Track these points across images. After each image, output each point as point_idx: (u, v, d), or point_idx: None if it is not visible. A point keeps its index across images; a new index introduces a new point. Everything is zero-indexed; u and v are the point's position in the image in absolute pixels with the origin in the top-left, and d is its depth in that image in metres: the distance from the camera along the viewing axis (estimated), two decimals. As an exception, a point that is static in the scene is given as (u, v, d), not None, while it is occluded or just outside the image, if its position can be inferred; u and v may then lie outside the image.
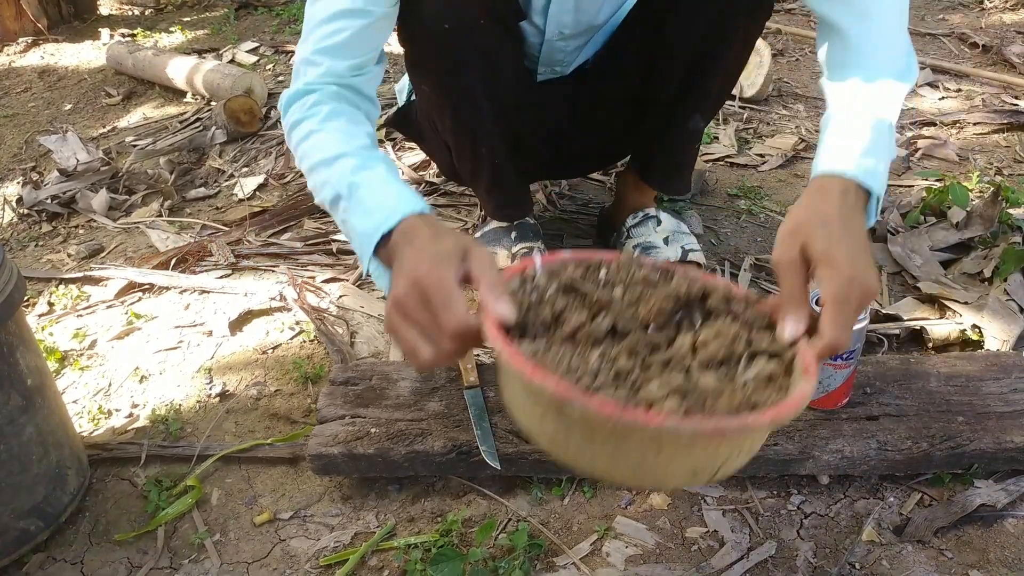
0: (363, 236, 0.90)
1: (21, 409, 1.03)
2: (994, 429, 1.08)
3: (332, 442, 1.10)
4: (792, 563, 0.99)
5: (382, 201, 0.90)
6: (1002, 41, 2.67)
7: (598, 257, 0.89)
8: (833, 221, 0.83)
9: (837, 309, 0.78)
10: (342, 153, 0.96)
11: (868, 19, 0.97)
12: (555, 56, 1.34)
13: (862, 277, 0.79)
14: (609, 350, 0.76)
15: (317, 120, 1.00)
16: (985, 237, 1.57)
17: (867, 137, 0.91)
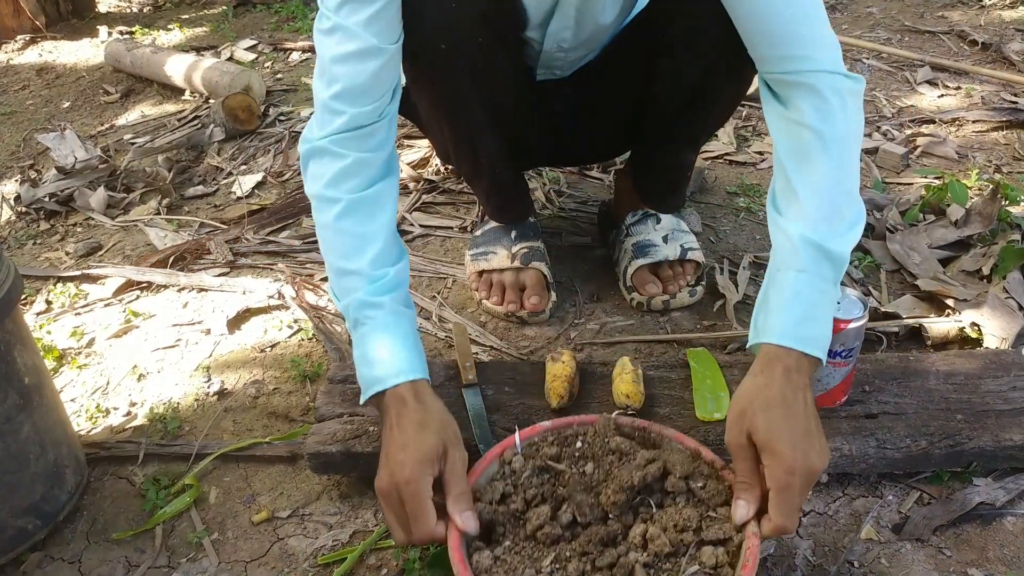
0: (360, 377, 1.02)
1: (19, 407, 1.02)
2: (993, 427, 1.08)
3: (330, 440, 1.10)
4: (791, 561, 0.99)
5: (380, 356, 1.00)
6: (1001, 39, 2.66)
7: (576, 425, 1.01)
8: (775, 406, 0.88)
9: (781, 497, 0.83)
10: (354, 271, 1.04)
11: (816, 174, 0.97)
12: (554, 63, 1.33)
13: (803, 463, 0.84)
14: (564, 552, 0.87)
15: (334, 214, 1.04)
16: (984, 235, 1.57)
17: (808, 301, 0.94)
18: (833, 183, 0.97)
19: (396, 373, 0.98)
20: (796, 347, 0.91)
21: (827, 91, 0.98)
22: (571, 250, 1.67)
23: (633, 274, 1.47)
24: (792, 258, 0.96)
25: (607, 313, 1.48)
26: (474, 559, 0.86)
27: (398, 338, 1.02)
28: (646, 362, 1.22)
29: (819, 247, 0.94)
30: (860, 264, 1.56)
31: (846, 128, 0.99)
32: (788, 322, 0.93)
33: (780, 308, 0.94)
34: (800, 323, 0.93)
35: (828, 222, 0.96)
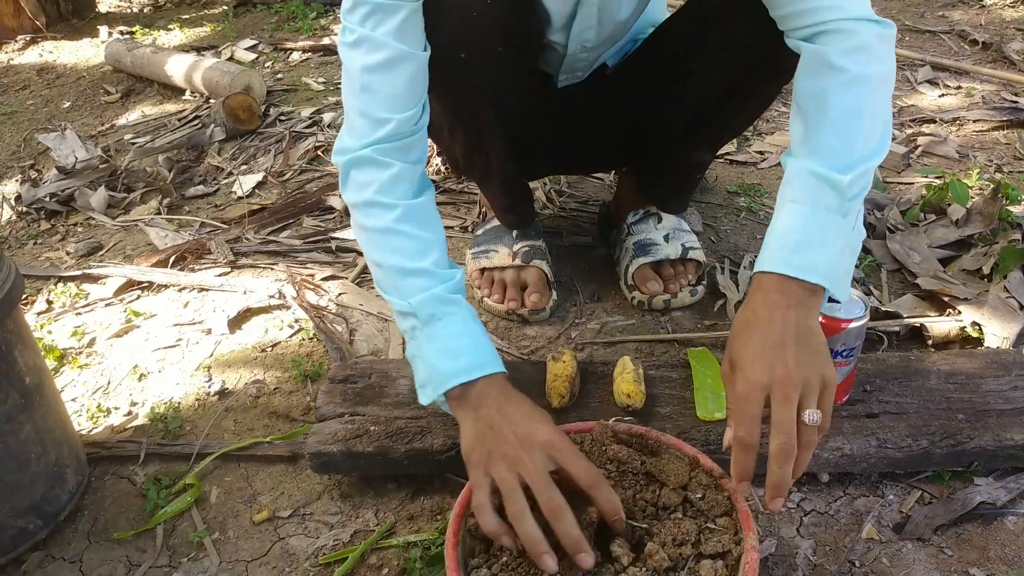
0: (438, 372, 0.99)
1: (20, 407, 1.02)
2: (994, 427, 1.08)
3: (331, 440, 1.10)
4: (792, 561, 0.99)
5: (466, 347, 0.99)
6: (1002, 38, 2.66)
7: (573, 433, 1.00)
8: (748, 326, 0.89)
9: (736, 407, 0.85)
10: (421, 270, 1.02)
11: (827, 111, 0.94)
12: (576, 66, 1.33)
13: (766, 375, 0.83)
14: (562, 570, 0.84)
15: (392, 218, 1.03)
16: (985, 234, 1.57)
17: (803, 229, 0.91)
18: (849, 119, 0.93)
19: (484, 363, 0.98)
20: (787, 271, 0.89)
21: (855, 36, 0.94)
22: (572, 249, 1.67)
23: (634, 273, 1.47)
24: (787, 190, 0.94)
25: (608, 312, 1.48)
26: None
27: (480, 333, 1.02)
28: (647, 361, 1.22)
29: (818, 176, 0.91)
30: (861, 264, 1.56)
31: (872, 68, 0.95)
32: (778, 251, 0.91)
33: (772, 238, 0.93)
34: (794, 250, 0.90)
35: (833, 153, 0.92)
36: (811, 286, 0.89)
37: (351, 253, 1.73)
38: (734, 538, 0.87)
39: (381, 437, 1.10)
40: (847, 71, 0.93)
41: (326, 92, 2.68)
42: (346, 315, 1.52)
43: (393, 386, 1.20)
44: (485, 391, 0.96)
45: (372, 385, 1.20)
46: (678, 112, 1.33)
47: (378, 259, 1.05)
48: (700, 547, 0.87)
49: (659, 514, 0.91)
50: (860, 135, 0.93)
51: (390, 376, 1.22)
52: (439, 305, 1.01)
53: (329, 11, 3.55)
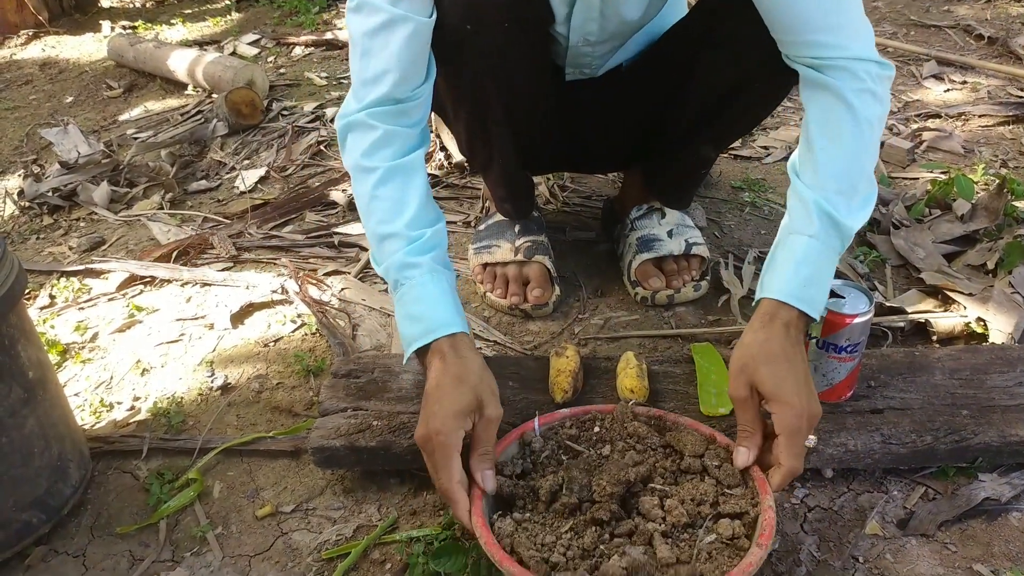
0: (403, 337, 1.05)
1: (23, 402, 1.02)
2: (999, 423, 1.07)
3: (334, 435, 1.10)
4: (796, 556, 0.99)
5: (422, 312, 1.03)
6: (1008, 33, 2.65)
7: (594, 411, 1.06)
8: (779, 360, 0.94)
9: (791, 441, 0.91)
10: (392, 233, 1.06)
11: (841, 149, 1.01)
12: (582, 60, 1.32)
13: (808, 409, 0.92)
14: (580, 523, 0.90)
15: (372, 182, 1.07)
16: (990, 230, 1.57)
17: (815, 265, 0.99)
18: (854, 160, 1.01)
19: (436, 328, 1.01)
20: (799, 306, 0.97)
21: (862, 76, 1.00)
22: (575, 245, 1.66)
23: (637, 268, 1.46)
24: (806, 224, 1.00)
25: (611, 308, 1.48)
26: (496, 526, 0.89)
27: (436, 295, 1.04)
28: (650, 357, 1.22)
29: (832, 218, 0.99)
30: (865, 259, 1.55)
31: (876, 111, 1.02)
32: (794, 282, 0.98)
33: (788, 268, 0.99)
34: (805, 285, 0.98)
35: (844, 196, 1.00)
36: (805, 321, 0.98)
37: (354, 248, 1.72)
38: (751, 501, 0.91)
39: (384, 432, 1.10)
40: (857, 112, 1.00)
41: (329, 87, 2.68)
42: (349, 310, 1.51)
43: (396, 381, 1.20)
44: (434, 357, 1.01)
45: (375, 380, 1.20)
46: (686, 109, 1.33)
47: (364, 226, 1.10)
48: (718, 507, 0.91)
49: (678, 479, 0.97)
50: (862, 178, 1.03)
51: (393, 371, 1.22)
52: (402, 271, 1.05)
53: (332, 6, 3.54)
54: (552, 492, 0.94)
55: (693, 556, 0.86)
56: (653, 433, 1.02)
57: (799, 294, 0.97)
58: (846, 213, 0.99)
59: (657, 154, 1.45)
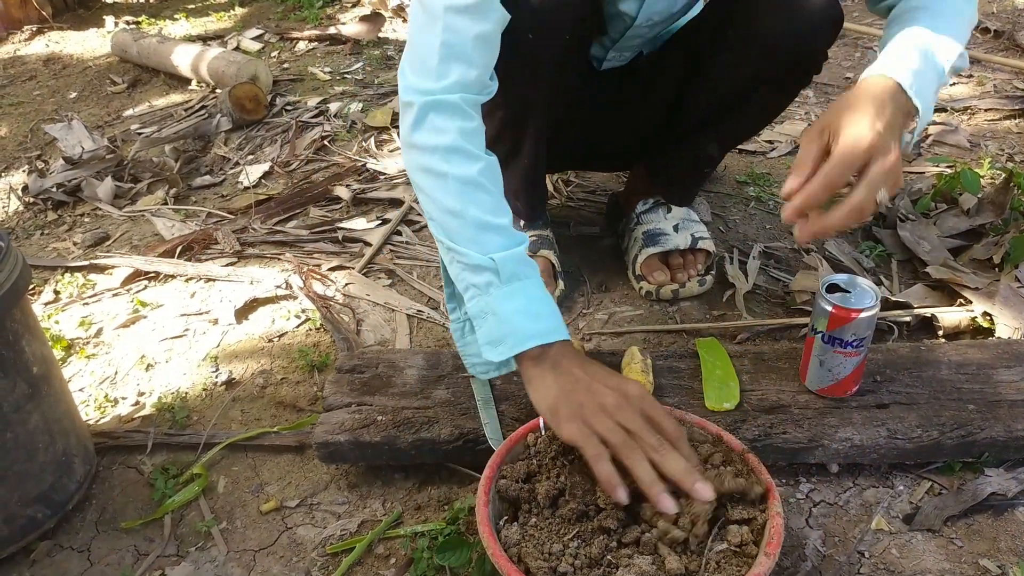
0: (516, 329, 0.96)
1: (27, 397, 1.02)
2: (1005, 417, 1.07)
3: (338, 430, 1.10)
4: (801, 551, 0.99)
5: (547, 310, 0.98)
6: (1014, 27, 2.64)
7: None
8: (858, 106, 0.89)
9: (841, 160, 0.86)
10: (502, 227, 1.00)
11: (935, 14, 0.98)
12: (633, 43, 1.32)
13: (874, 142, 0.85)
14: (588, 531, 0.88)
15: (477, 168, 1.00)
16: (996, 224, 1.56)
17: (918, 63, 0.93)
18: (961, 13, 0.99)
19: (564, 330, 0.98)
20: (902, 81, 0.91)
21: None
22: (580, 239, 1.66)
23: (643, 263, 1.46)
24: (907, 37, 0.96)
25: (616, 303, 1.47)
26: (503, 534, 0.88)
27: (553, 301, 1.01)
28: (655, 352, 1.22)
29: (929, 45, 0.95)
30: (871, 253, 1.54)
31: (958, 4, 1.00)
32: (899, 64, 0.93)
33: (900, 55, 0.94)
34: (916, 77, 0.92)
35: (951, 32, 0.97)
36: (910, 109, 0.92)
37: (358, 243, 1.72)
38: (759, 506, 0.90)
39: (388, 427, 1.10)
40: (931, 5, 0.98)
41: (333, 82, 2.67)
42: (353, 305, 1.51)
43: (400, 376, 1.20)
44: (562, 353, 0.95)
45: (379, 375, 1.20)
46: (698, 105, 1.33)
47: (457, 208, 0.99)
48: (727, 514, 0.90)
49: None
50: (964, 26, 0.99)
51: (397, 366, 1.22)
52: (521, 265, 0.99)
53: (335, 0, 3.54)
54: (554, 497, 0.92)
55: (701, 566, 0.85)
56: None
57: (907, 76, 0.91)
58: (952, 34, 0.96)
59: (663, 150, 1.45)
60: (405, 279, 1.58)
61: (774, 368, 1.17)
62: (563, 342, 0.97)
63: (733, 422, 1.06)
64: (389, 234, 1.73)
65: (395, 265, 1.63)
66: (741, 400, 1.11)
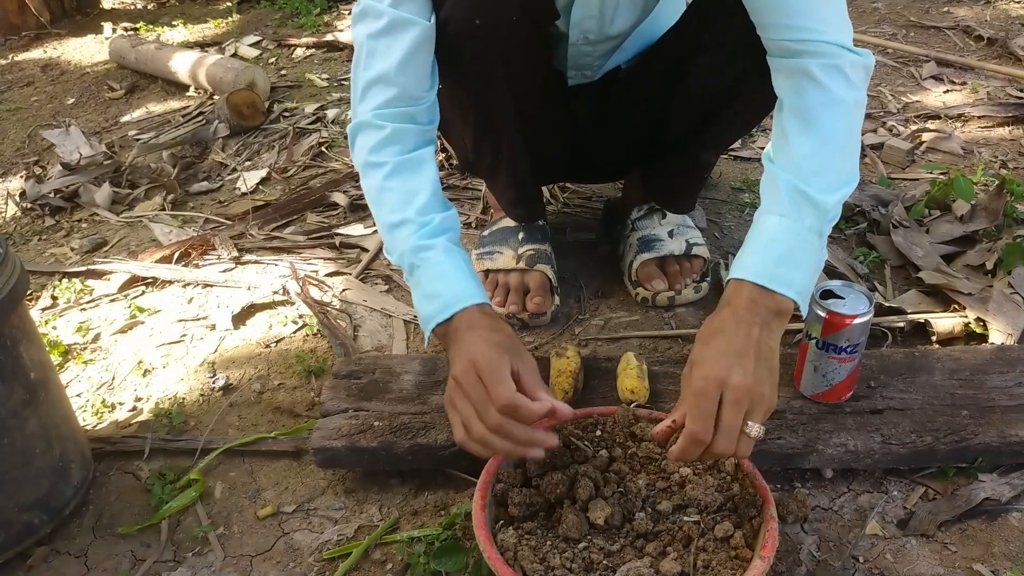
0: (422, 317, 1.04)
1: (24, 403, 1.03)
2: (999, 423, 1.07)
3: (335, 435, 1.10)
4: (796, 556, 0.99)
5: (440, 290, 1.02)
6: (1007, 34, 2.65)
7: (595, 415, 1.05)
8: (716, 333, 0.91)
9: (694, 400, 0.86)
10: (404, 220, 1.05)
11: (813, 129, 0.97)
12: (582, 60, 1.33)
13: (722, 374, 0.85)
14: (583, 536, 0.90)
15: (382, 175, 1.07)
16: (990, 230, 1.57)
17: (786, 244, 0.94)
18: (830, 139, 0.97)
19: (455, 301, 1.00)
20: (768, 284, 0.91)
21: (836, 58, 0.97)
22: (576, 246, 1.66)
23: (638, 269, 1.46)
24: (775, 203, 0.96)
25: (612, 309, 1.48)
26: (499, 537, 0.89)
27: (452, 270, 1.03)
28: (651, 358, 1.22)
29: (804, 194, 0.94)
30: (865, 260, 1.55)
31: (852, 94, 0.98)
32: (760, 262, 0.93)
33: (754, 248, 0.96)
34: (776, 264, 0.93)
35: (818, 175, 0.96)
36: (781, 303, 0.92)
37: (355, 249, 1.73)
38: (753, 509, 0.91)
39: (385, 432, 1.10)
40: (830, 90, 0.97)
41: (330, 88, 2.68)
42: (350, 311, 1.52)
43: (397, 382, 1.20)
44: (456, 328, 0.99)
45: (376, 381, 1.20)
46: (683, 113, 1.33)
47: (376, 218, 1.09)
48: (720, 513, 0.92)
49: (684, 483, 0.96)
50: (840, 158, 0.97)
51: (394, 372, 1.22)
52: (416, 254, 1.04)
53: (332, 7, 3.54)
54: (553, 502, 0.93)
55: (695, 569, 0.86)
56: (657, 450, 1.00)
57: (769, 272, 0.92)
58: (819, 189, 0.94)
59: (656, 159, 1.45)
60: (402, 285, 1.59)
61: (769, 374, 1.18)
62: (459, 314, 0.99)
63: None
64: (386, 240, 1.73)
65: (392, 271, 1.63)
66: (736, 406, 1.11)
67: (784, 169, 0.97)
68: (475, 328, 0.96)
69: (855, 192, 1.74)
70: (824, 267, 1.50)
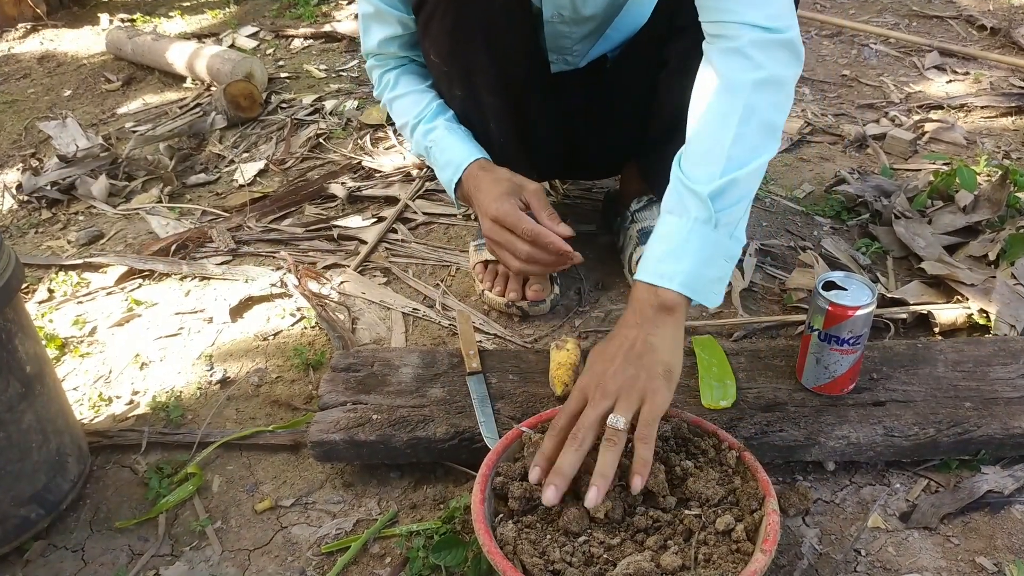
0: (445, 184, 1.32)
1: (20, 396, 1.02)
2: (1002, 415, 1.07)
3: (333, 429, 1.09)
4: (798, 549, 0.99)
5: (449, 158, 1.29)
6: (1010, 23, 2.64)
7: None
8: (609, 337, 0.96)
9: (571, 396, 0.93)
10: (415, 119, 1.34)
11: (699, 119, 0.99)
12: (561, 42, 1.32)
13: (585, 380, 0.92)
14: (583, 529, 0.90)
15: (390, 91, 1.38)
16: (993, 221, 1.56)
17: (672, 239, 0.97)
18: (714, 127, 0.97)
19: (460, 162, 1.27)
20: (650, 281, 0.95)
21: (736, 40, 0.96)
22: (576, 238, 1.65)
23: (638, 260, 1.45)
24: (667, 201, 1.00)
25: (612, 301, 1.47)
26: (498, 531, 0.88)
27: (454, 140, 1.29)
28: (651, 350, 1.21)
29: (686, 187, 0.96)
30: (867, 251, 1.54)
31: (750, 75, 0.96)
32: (647, 260, 0.98)
33: (648, 248, 0.99)
34: (660, 260, 0.96)
35: (698, 165, 0.97)
36: (664, 298, 0.94)
37: (353, 241, 1.72)
38: (755, 503, 0.90)
39: (383, 426, 1.09)
40: (722, 76, 0.97)
41: (328, 79, 2.66)
42: (348, 303, 1.51)
43: (395, 374, 1.19)
44: (468, 181, 1.27)
45: (374, 374, 1.20)
46: (670, 98, 1.31)
47: (398, 123, 1.40)
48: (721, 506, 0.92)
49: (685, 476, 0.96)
50: (726, 143, 0.96)
51: (392, 364, 1.21)
52: (426, 137, 1.32)
53: (330, -2, 3.52)
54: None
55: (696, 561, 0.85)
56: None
57: (653, 268, 0.96)
58: (698, 179, 0.95)
59: (651, 149, 1.44)
60: (400, 277, 1.58)
61: (770, 366, 1.17)
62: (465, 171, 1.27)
63: (730, 420, 1.06)
64: (384, 232, 1.72)
65: (390, 263, 1.62)
66: (737, 398, 1.10)
67: (678, 162, 1.00)
68: (481, 184, 1.23)
69: (857, 183, 1.74)
70: (826, 258, 1.51)
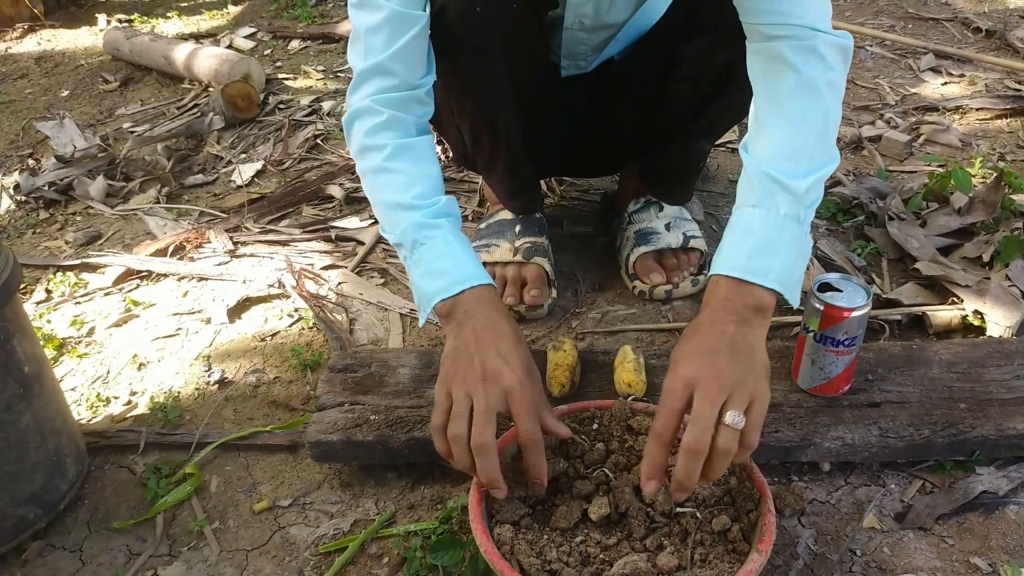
0: (423, 293, 1.03)
1: (18, 397, 1.02)
2: (996, 416, 1.07)
3: (331, 429, 1.10)
4: (793, 550, 0.99)
5: (447, 267, 1.02)
6: (1006, 26, 2.65)
7: (592, 408, 1.05)
8: (695, 334, 0.90)
9: (661, 400, 0.87)
10: (405, 203, 1.05)
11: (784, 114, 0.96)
12: (577, 49, 1.32)
13: (692, 373, 0.84)
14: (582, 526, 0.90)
15: (382, 157, 1.06)
16: (987, 223, 1.56)
17: (760, 233, 0.92)
18: (801, 123, 0.96)
19: (463, 279, 1.00)
20: (744, 277, 0.90)
21: (810, 40, 0.96)
22: (573, 239, 1.66)
23: (635, 262, 1.46)
24: (749, 194, 0.95)
25: (609, 302, 1.48)
26: (495, 532, 0.89)
27: (461, 251, 1.04)
28: (648, 351, 1.22)
29: (776, 181, 0.92)
30: (862, 252, 1.55)
31: (826, 75, 0.96)
32: (735, 255, 0.92)
33: (730, 242, 0.94)
34: (751, 255, 0.91)
35: (790, 159, 0.94)
36: (760, 297, 0.90)
37: (351, 242, 1.72)
38: (751, 503, 0.91)
39: (381, 426, 1.10)
40: (801, 73, 0.95)
41: (325, 80, 2.67)
42: (346, 304, 1.51)
43: (393, 375, 1.20)
44: (471, 308, 0.99)
45: (372, 374, 1.20)
46: (677, 100, 1.32)
47: (373, 198, 1.09)
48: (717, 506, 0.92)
49: None
50: (814, 141, 0.95)
51: (390, 365, 1.22)
52: (420, 231, 1.03)
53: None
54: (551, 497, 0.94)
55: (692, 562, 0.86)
56: None
57: (744, 264, 0.90)
58: (791, 174, 0.92)
59: (651, 150, 1.45)
60: (398, 278, 1.58)
61: (766, 367, 1.17)
62: (471, 290, 1.00)
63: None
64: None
65: (388, 264, 1.63)
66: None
67: (756, 158, 0.96)
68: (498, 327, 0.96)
69: (852, 184, 1.75)
70: (821, 260, 1.51)
